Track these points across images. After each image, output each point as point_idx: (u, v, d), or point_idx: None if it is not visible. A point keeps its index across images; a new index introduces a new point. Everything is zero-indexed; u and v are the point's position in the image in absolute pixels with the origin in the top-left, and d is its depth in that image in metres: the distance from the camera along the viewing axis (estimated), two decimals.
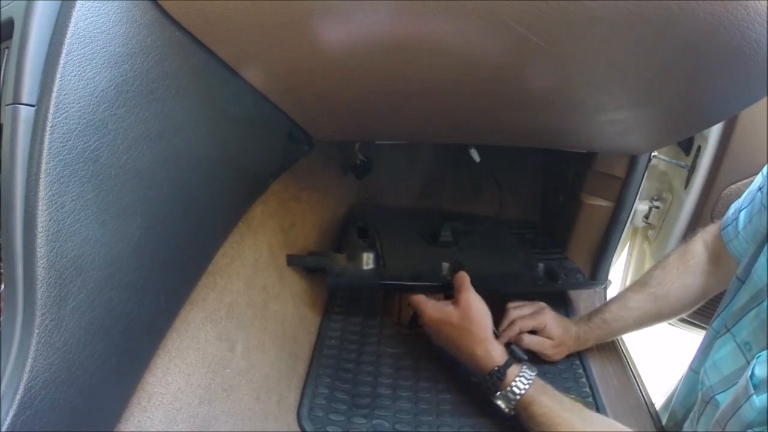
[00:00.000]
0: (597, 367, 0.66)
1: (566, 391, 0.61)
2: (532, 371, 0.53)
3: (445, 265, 0.70)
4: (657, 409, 0.61)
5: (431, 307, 0.59)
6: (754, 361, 0.39)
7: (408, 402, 0.60)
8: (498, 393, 0.52)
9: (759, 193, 0.52)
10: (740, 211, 0.54)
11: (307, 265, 0.69)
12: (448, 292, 0.68)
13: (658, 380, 0.72)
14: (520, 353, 0.56)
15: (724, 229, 0.56)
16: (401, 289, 0.72)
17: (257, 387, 0.53)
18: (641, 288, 0.62)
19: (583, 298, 0.78)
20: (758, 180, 0.54)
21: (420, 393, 0.60)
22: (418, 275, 0.66)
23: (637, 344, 0.77)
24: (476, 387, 0.55)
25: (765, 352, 0.39)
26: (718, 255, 0.59)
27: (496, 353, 0.54)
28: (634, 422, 0.59)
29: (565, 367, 0.66)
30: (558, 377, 0.64)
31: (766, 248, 0.46)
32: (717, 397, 0.47)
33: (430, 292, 0.64)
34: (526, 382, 0.52)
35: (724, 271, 0.58)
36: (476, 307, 0.57)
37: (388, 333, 0.70)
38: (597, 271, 0.79)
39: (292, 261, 0.67)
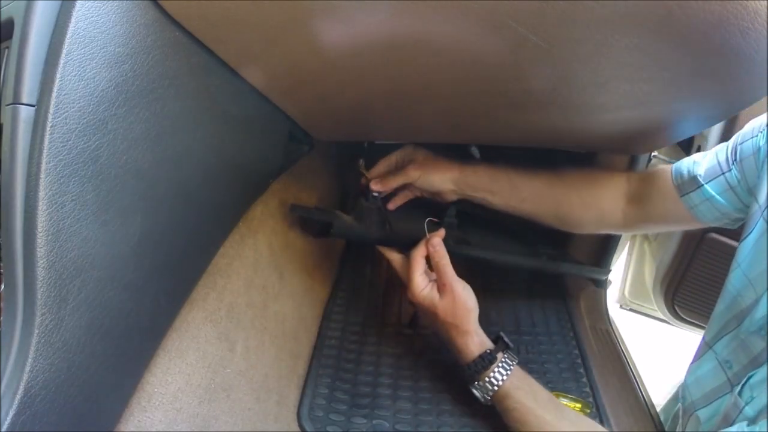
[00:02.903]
0: (597, 367, 0.66)
1: (566, 391, 0.61)
2: (512, 361, 0.53)
3: (452, 233, 0.66)
4: (657, 409, 0.61)
5: (422, 290, 0.56)
6: (744, 380, 0.41)
7: (408, 402, 0.60)
8: (476, 383, 0.52)
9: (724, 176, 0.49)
10: (711, 180, 0.50)
11: (312, 216, 0.64)
12: (455, 254, 0.63)
13: (658, 380, 0.72)
14: (505, 340, 0.54)
15: (684, 195, 0.53)
16: (409, 246, 0.66)
17: (257, 387, 0.53)
18: (559, 180, 0.61)
19: (583, 296, 0.78)
20: (722, 151, 0.51)
21: (420, 393, 0.60)
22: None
23: (637, 344, 0.77)
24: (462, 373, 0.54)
25: (757, 373, 0.41)
26: (641, 199, 0.58)
27: (474, 346, 0.53)
28: (634, 422, 0.59)
29: (566, 367, 0.66)
30: (558, 377, 0.64)
31: (735, 262, 0.47)
32: (698, 412, 0.48)
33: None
34: (504, 373, 0.51)
35: (638, 218, 0.58)
36: (462, 299, 0.54)
37: (388, 333, 0.70)
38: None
39: (296, 210, 0.63)
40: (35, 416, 0.27)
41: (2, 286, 0.29)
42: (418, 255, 0.57)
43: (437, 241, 0.58)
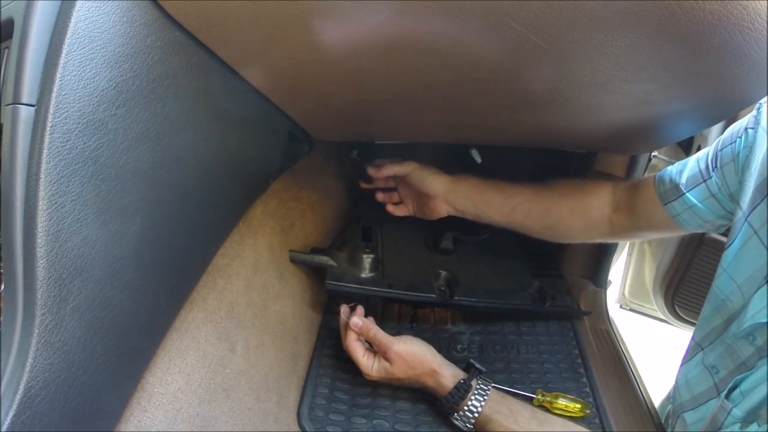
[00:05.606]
0: (597, 367, 0.66)
1: (566, 391, 0.61)
2: (487, 385, 0.54)
3: (442, 273, 0.71)
4: (657, 409, 0.61)
5: (372, 369, 0.57)
6: (732, 385, 0.41)
7: (408, 402, 0.60)
8: (456, 414, 0.54)
9: (705, 184, 0.48)
10: (693, 188, 0.50)
11: (309, 264, 0.70)
12: (441, 305, 0.72)
13: (658, 380, 0.72)
14: (477, 366, 0.56)
15: (667, 203, 0.52)
16: (397, 300, 0.74)
17: (257, 387, 0.53)
18: (548, 190, 0.62)
19: (583, 296, 0.78)
20: (703, 157, 0.50)
21: (419, 393, 0.60)
22: (414, 285, 0.67)
23: (637, 344, 0.77)
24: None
25: (746, 380, 0.40)
26: (627, 208, 0.58)
27: (446, 380, 0.55)
28: (634, 422, 0.59)
29: (566, 367, 0.66)
30: (558, 377, 0.64)
31: (720, 267, 0.46)
32: (685, 414, 0.48)
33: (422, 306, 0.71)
34: (481, 399, 0.53)
35: (625, 226, 0.58)
36: (409, 352, 0.56)
37: (388, 332, 0.70)
38: (597, 271, 0.79)
39: (295, 258, 0.69)
40: (35, 416, 0.27)
41: (2, 286, 0.29)
42: (350, 341, 0.59)
43: (355, 321, 0.59)
